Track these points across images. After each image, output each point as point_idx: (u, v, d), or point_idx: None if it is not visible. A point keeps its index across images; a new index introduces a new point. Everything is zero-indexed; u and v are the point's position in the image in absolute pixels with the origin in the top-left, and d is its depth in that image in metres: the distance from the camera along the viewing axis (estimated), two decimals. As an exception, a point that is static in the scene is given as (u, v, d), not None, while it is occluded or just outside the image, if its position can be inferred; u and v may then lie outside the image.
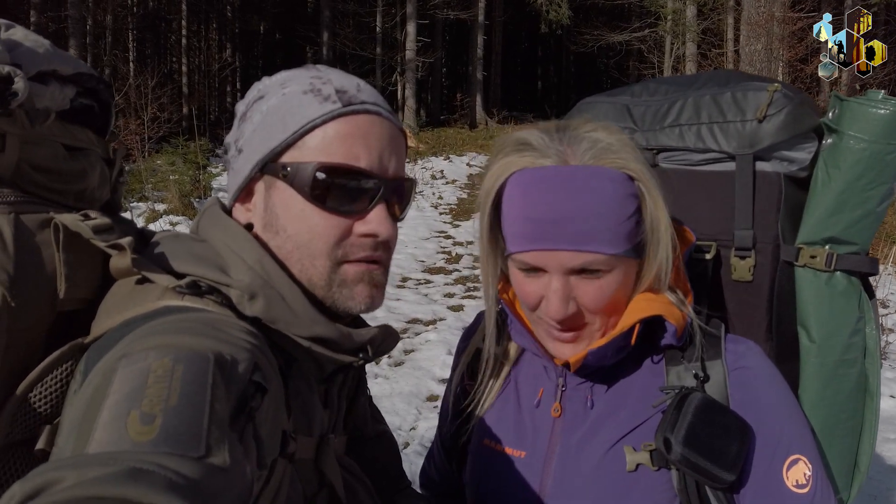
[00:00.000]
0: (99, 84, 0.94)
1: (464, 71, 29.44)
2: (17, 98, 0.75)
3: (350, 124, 0.84)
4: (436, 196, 13.35)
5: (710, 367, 1.01)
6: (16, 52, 0.80)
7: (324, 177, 0.82)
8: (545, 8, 21.78)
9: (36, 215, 0.79)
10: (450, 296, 7.30)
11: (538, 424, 1.07)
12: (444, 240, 10.28)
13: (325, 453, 0.87)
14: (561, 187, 0.94)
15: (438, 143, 18.95)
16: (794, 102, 1.14)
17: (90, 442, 0.52)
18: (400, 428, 4.04)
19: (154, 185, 11.81)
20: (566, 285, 0.96)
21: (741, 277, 1.18)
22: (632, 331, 0.99)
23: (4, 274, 0.73)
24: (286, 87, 0.87)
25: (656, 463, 0.97)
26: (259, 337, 0.74)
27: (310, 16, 27.36)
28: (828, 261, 1.12)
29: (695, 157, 1.22)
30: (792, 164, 1.17)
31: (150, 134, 13.56)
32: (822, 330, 1.14)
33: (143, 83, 14.32)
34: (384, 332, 0.90)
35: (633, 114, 1.29)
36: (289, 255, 0.85)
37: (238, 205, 0.90)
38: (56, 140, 0.84)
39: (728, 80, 1.24)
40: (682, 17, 17.54)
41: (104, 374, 0.60)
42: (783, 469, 0.95)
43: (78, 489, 0.44)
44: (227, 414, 0.58)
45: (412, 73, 20.84)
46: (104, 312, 0.78)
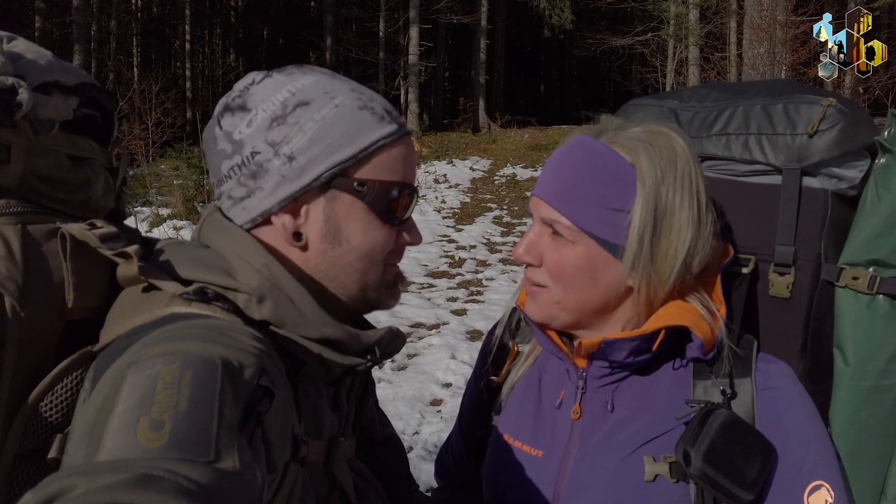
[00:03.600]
0: (101, 94, 0.95)
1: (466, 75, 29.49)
2: (21, 109, 0.75)
3: (406, 146, 0.91)
4: (439, 200, 13.35)
5: (738, 384, 0.99)
6: (18, 63, 0.80)
7: (396, 195, 0.88)
8: (548, 12, 21.82)
9: (43, 225, 0.80)
10: (453, 300, 7.29)
11: (557, 425, 1.07)
12: (447, 244, 10.28)
13: (335, 456, 0.87)
14: (576, 152, 1.01)
15: (441, 147, 18.97)
16: (847, 119, 1.11)
17: (101, 449, 0.53)
18: (403, 432, 4.04)
19: (158, 189, 11.84)
20: (539, 234, 1.03)
21: (778, 294, 1.15)
22: (654, 336, 0.98)
23: (13, 284, 0.73)
24: (335, 98, 0.87)
25: (675, 475, 0.96)
26: (266, 342, 0.74)
27: (313, 20, 27.44)
28: (871, 283, 1.08)
29: (740, 167, 1.19)
30: (841, 181, 1.13)
31: (154, 139, 13.60)
32: (858, 353, 1.10)
33: (147, 88, 14.37)
34: (391, 333, 0.91)
35: (680, 119, 1.26)
36: (350, 265, 0.88)
37: (283, 213, 0.86)
38: (60, 150, 0.85)
39: (782, 90, 1.21)
40: (685, 21, 17.56)
41: (113, 381, 0.61)
42: (804, 495, 0.93)
43: (90, 496, 0.45)
44: (235, 419, 0.59)
45: (415, 77, 20.87)
46: (112, 320, 0.79)
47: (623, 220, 0.96)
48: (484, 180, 15.47)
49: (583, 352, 1.01)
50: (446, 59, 26.82)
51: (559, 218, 0.98)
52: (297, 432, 0.79)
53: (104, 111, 0.96)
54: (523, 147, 18.28)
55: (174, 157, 12.42)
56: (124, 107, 13.26)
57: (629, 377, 1.05)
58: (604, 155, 0.98)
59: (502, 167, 16.43)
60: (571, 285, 1.00)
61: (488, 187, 14.81)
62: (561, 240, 0.99)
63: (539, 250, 1.02)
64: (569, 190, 0.98)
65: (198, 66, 25.66)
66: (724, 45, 16.38)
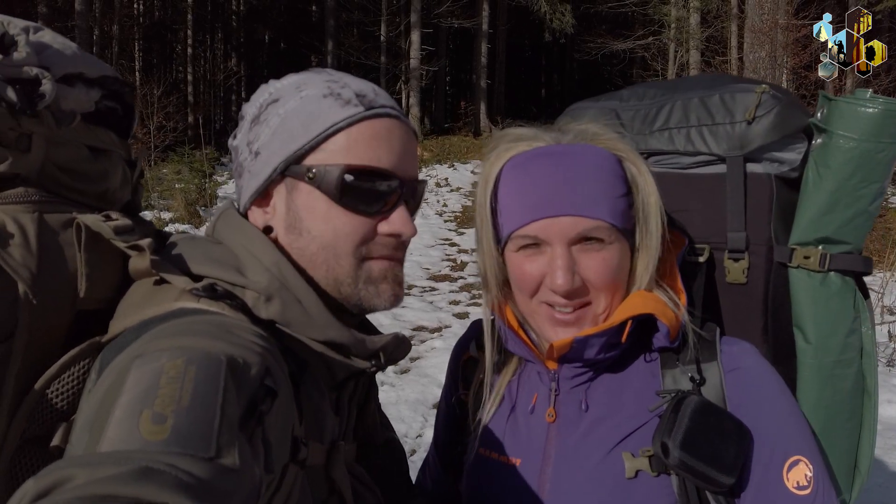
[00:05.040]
0: (123, 87, 0.96)
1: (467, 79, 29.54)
2: (44, 100, 0.76)
3: (373, 128, 0.86)
4: (440, 204, 13.36)
5: (705, 369, 1.01)
6: (43, 54, 0.81)
7: (351, 179, 0.83)
8: (549, 16, 21.83)
9: (59, 215, 0.80)
10: (455, 303, 7.30)
11: (533, 430, 1.07)
12: (448, 247, 10.28)
13: (335, 460, 0.87)
14: (557, 159, 0.99)
15: (443, 151, 18.99)
16: (782, 103, 1.15)
17: (102, 440, 0.53)
18: (406, 435, 4.03)
19: (160, 193, 11.87)
20: (569, 256, 0.97)
21: (735, 280, 1.18)
22: (622, 327, 0.99)
23: (27, 271, 0.74)
24: (303, 91, 0.88)
25: (655, 469, 0.96)
26: (271, 341, 0.74)
27: (314, 25, 27.49)
28: (821, 261, 1.12)
29: (685, 160, 1.22)
30: (782, 164, 1.17)
31: (157, 143, 13.63)
32: (817, 331, 1.13)
33: (149, 92, 14.42)
34: (397, 340, 0.90)
35: (621, 118, 1.29)
36: (314, 256, 0.86)
37: (255, 208, 0.90)
38: (80, 141, 0.86)
39: (715, 82, 1.24)
40: (686, 25, 17.57)
41: (118, 373, 0.61)
42: (783, 470, 0.94)
43: (90, 487, 0.45)
44: (237, 416, 0.59)
45: (416, 81, 20.90)
46: (122, 312, 0.79)
47: (626, 204, 0.99)
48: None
49: (555, 353, 1.00)
50: (447, 63, 26.86)
51: (597, 224, 0.96)
52: (298, 434, 0.78)
53: (125, 104, 0.97)
54: (524, 151, 18.26)
55: (176, 161, 12.45)
56: (126, 111, 13.27)
57: (601, 375, 1.05)
58: (590, 153, 0.99)
59: (504, 171, 16.42)
60: (615, 286, 1.00)
61: (490, 191, 14.80)
62: (596, 247, 0.98)
63: (577, 272, 0.98)
64: (589, 194, 0.97)
65: (199, 70, 25.70)
66: (725, 48, 16.39)
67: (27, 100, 0.76)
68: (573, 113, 1.37)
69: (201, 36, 26.91)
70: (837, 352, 1.12)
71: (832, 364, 1.13)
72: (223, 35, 28.27)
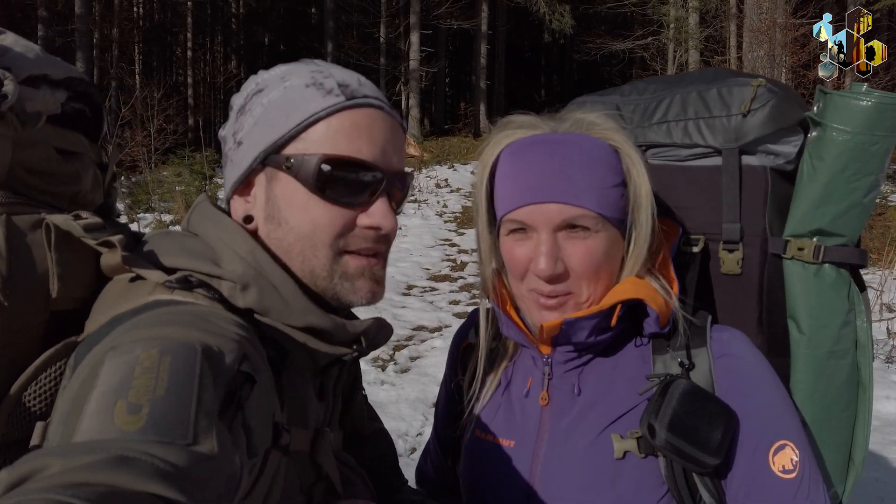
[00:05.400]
0: (90, 88, 0.95)
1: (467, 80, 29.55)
2: (6, 100, 0.75)
3: (354, 118, 0.85)
4: (440, 204, 13.37)
5: (695, 355, 1.03)
6: (6, 56, 0.80)
7: (328, 169, 0.82)
8: (548, 17, 21.85)
9: (28, 216, 0.79)
10: (455, 303, 7.31)
11: (527, 413, 1.09)
12: (448, 248, 10.29)
13: (320, 446, 0.87)
14: (552, 147, 1.01)
15: (442, 151, 19.00)
16: (778, 97, 1.16)
17: (77, 431, 0.53)
18: (406, 433, 4.04)
19: (161, 195, 11.88)
20: (554, 243, 0.99)
21: (730, 270, 1.20)
22: (612, 311, 1.01)
23: None
24: (287, 81, 0.87)
25: (643, 450, 0.99)
26: (248, 328, 0.74)
27: (314, 26, 27.52)
28: (815, 253, 1.13)
29: (682, 152, 1.24)
30: (778, 157, 1.19)
31: (157, 145, 13.65)
32: (811, 322, 1.14)
33: (149, 95, 14.44)
34: (378, 324, 0.90)
35: (622, 112, 1.31)
36: (290, 247, 0.85)
37: (237, 197, 0.90)
38: (49, 143, 0.85)
39: (715, 77, 1.26)
40: (685, 25, 17.58)
41: (91, 366, 0.61)
42: (769, 454, 0.96)
43: (65, 476, 0.44)
44: (215, 404, 0.58)
45: (416, 82, 20.92)
46: (97, 310, 0.79)
47: (618, 194, 1.01)
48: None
49: (545, 335, 1.02)
50: (447, 64, 26.87)
51: (583, 212, 0.98)
52: (279, 420, 0.78)
53: (93, 106, 0.96)
54: (524, 151, 18.27)
55: (176, 163, 12.47)
56: (126, 114, 13.31)
57: (593, 360, 1.07)
58: (584, 142, 1.01)
59: (504, 171, 16.45)
60: (599, 275, 1.01)
61: (490, 191, 14.82)
62: (581, 234, 1.00)
63: (562, 258, 1.00)
64: (580, 182, 0.99)
65: (199, 73, 25.74)
66: (723, 48, 16.40)
67: None
68: (575, 107, 1.37)
69: (201, 38, 26.94)
70: (831, 343, 1.14)
71: (826, 355, 1.14)
72: (223, 38, 28.31)
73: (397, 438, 3.94)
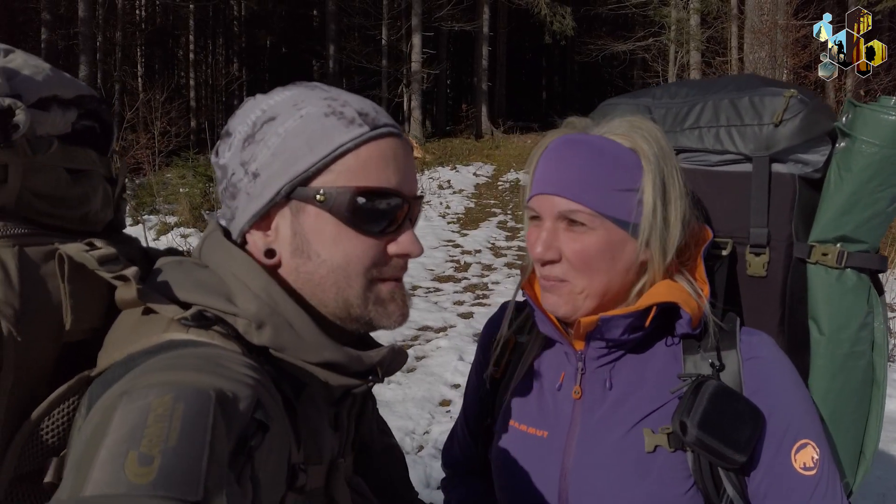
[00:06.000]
0: (100, 105, 0.93)
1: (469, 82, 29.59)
2: (19, 131, 0.74)
3: (380, 148, 0.84)
4: (443, 206, 13.41)
5: (725, 356, 1.06)
6: (15, 80, 0.79)
7: (363, 201, 0.81)
8: (549, 19, 21.88)
9: (41, 247, 0.78)
10: (459, 303, 7.34)
11: (560, 406, 1.14)
12: (452, 249, 10.32)
13: (335, 478, 0.87)
14: (576, 145, 1.06)
15: (445, 153, 19.04)
16: (809, 108, 1.19)
17: (87, 482, 0.52)
18: (413, 432, 4.08)
19: (165, 198, 11.93)
20: (553, 231, 1.06)
21: (756, 273, 1.23)
22: (647, 312, 1.05)
23: (10, 309, 0.72)
24: (302, 109, 0.84)
25: (673, 445, 1.03)
26: (262, 372, 0.73)
27: (315, 29, 27.59)
28: (839, 258, 1.17)
29: (713, 158, 1.27)
30: (806, 165, 1.22)
31: (160, 148, 13.70)
32: (832, 324, 1.18)
33: (152, 98, 14.49)
34: (393, 352, 0.90)
35: (653, 115, 1.34)
36: (323, 280, 0.83)
37: (254, 231, 0.86)
38: (58, 165, 0.83)
39: (747, 84, 1.28)
40: (686, 26, 17.60)
41: (104, 411, 0.60)
42: (791, 452, 1.01)
43: None
44: (226, 454, 0.58)
45: (418, 84, 20.97)
46: (110, 343, 0.78)
47: (633, 199, 1.04)
48: (488, 186, 15.52)
49: (581, 330, 1.07)
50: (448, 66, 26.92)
51: (579, 207, 1.03)
52: (296, 461, 0.77)
53: (102, 122, 0.95)
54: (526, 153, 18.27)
55: (180, 165, 12.51)
56: (130, 117, 13.37)
57: (625, 356, 1.11)
58: (602, 144, 1.06)
59: (506, 173, 16.49)
60: (595, 270, 1.05)
61: (492, 193, 14.86)
62: (580, 229, 1.04)
63: (557, 245, 1.06)
64: (581, 180, 1.04)
65: (201, 75, 25.81)
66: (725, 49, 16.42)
67: (1, 132, 0.74)
68: (606, 108, 1.42)
69: (203, 41, 27.01)
70: (850, 344, 1.17)
71: (844, 356, 1.17)
72: (225, 40, 28.37)
73: (404, 436, 3.98)
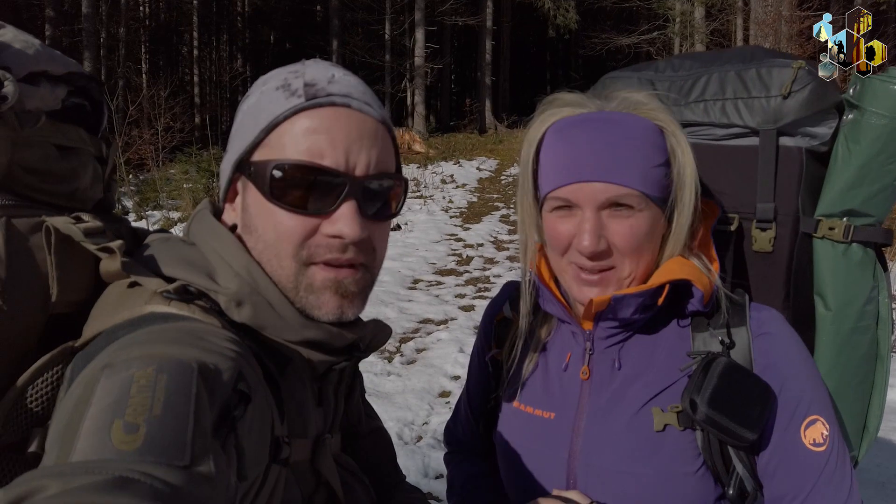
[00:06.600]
0: (90, 83, 0.93)
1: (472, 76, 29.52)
2: (6, 102, 0.74)
3: (313, 119, 0.80)
4: (446, 200, 13.42)
5: (735, 333, 1.04)
6: (5, 53, 0.79)
7: (280, 175, 0.79)
8: (553, 13, 21.83)
9: (28, 219, 0.78)
10: (461, 296, 7.35)
11: (567, 387, 1.12)
12: (454, 242, 10.33)
13: (321, 454, 0.86)
14: (599, 126, 1.03)
15: (448, 148, 19.04)
16: (817, 79, 1.17)
17: (73, 451, 0.51)
18: (413, 422, 4.10)
19: (168, 193, 11.98)
20: (598, 220, 1.01)
21: (762, 248, 1.21)
22: (660, 291, 1.03)
23: None
24: (266, 84, 0.86)
25: (682, 424, 1.01)
26: (244, 345, 0.73)
27: (319, 25, 27.57)
28: (845, 232, 1.16)
29: (719, 131, 1.25)
30: (814, 139, 1.20)
31: (164, 143, 13.73)
32: (838, 299, 1.17)
33: (155, 94, 14.51)
34: (375, 327, 0.89)
35: (656, 88, 1.32)
36: (261, 256, 0.82)
37: (227, 205, 0.89)
38: (47, 141, 0.83)
39: (752, 56, 1.26)
40: (691, 19, 17.54)
41: (86, 384, 0.60)
42: (801, 429, 0.99)
43: (62, 497, 0.44)
44: (210, 423, 0.58)
45: (421, 79, 20.95)
46: (95, 315, 0.78)
47: (662, 174, 1.03)
48: (491, 180, 15.52)
49: (593, 310, 1.05)
50: (452, 60, 26.87)
51: (628, 192, 1.00)
52: (279, 434, 0.77)
53: (93, 100, 0.94)
54: (530, 147, 18.26)
55: (184, 161, 12.57)
56: (134, 113, 13.41)
57: (633, 336, 1.10)
58: (625, 120, 1.03)
59: (509, 167, 16.47)
60: (642, 252, 1.04)
61: (495, 187, 14.85)
62: (625, 213, 1.01)
63: (605, 235, 1.02)
64: (622, 161, 1.00)
65: (205, 71, 25.85)
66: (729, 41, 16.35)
67: None
68: (607, 81, 1.39)
69: (207, 37, 27.04)
70: (855, 319, 1.16)
71: (850, 331, 1.17)
72: (228, 36, 28.39)
73: (403, 427, 4.00)
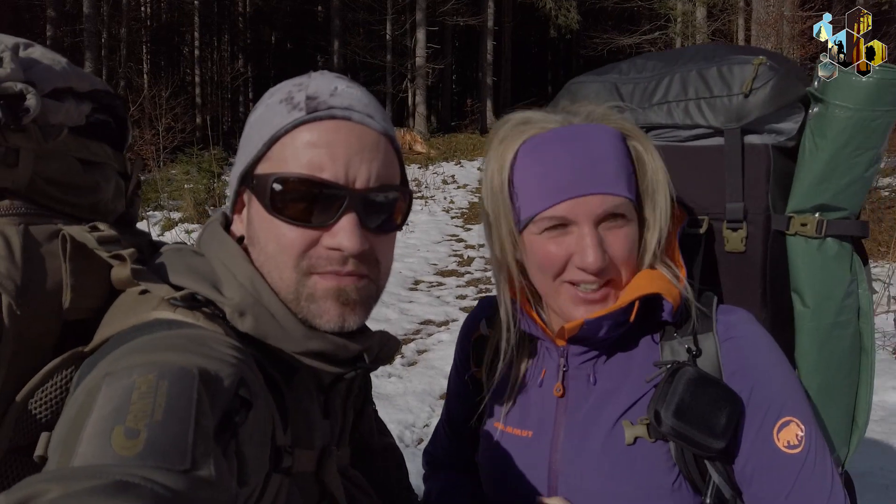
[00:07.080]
0: (115, 100, 0.96)
1: (474, 77, 29.52)
2: (29, 114, 0.77)
3: (313, 132, 0.81)
4: (447, 201, 13.41)
5: (701, 340, 1.03)
6: (31, 70, 0.82)
7: (280, 188, 0.80)
8: (554, 13, 21.81)
9: (45, 227, 0.81)
10: (462, 297, 7.34)
11: (543, 405, 1.10)
12: (455, 243, 10.33)
13: (326, 465, 0.86)
14: (576, 139, 1.01)
15: (449, 148, 19.03)
16: (779, 74, 1.16)
17: (74, 456, 0.52)
18: (413, 424, 4.09)
19: (170, 193, 11.97)
20: (597, 235, 0.99)
21: (734, 248, 1.20)
22: (630, 308, 1.01)
23: (11, 283, 0.74)
24: (272, 97, 0.87)
25: (652, 435, 1.00)
26: (246, 352, 0.73)
27: (320, 25, 27.57)
28: (818, 227, 1.14)
29: (683, 133, 1.24)
30: (780, 135, 1.19)
31: (165, 144, 13.73)
32: (815, 295, 1.16)
33: (157, 94, 14.51)
34: (382, 339, 0.88)
35: (621, 92, 1.31)
36: (263, 267, 0.83)
37: (235, 217, 0.90)
38: (71, 154, 0.86)
39: (714, 54, 1.25)
40: (692, 19, 17.51)
41: (88, 391, 0.61)
42: (773, 432, 0.98)
43: (63, 501, 0.44)
44: (211, 428, 0.58)
45: (422, 79, 20.94)
46: (106, 322, 0.79)
47: (634, 181, 1.03)
48: (491, 180, 15.49)
49: (566, 334, 1.03)
50: (453, 61, 26.86)
51: (621, 201, 1.00)
52: (282, 443, 0.77)
53: (117, 117, 0.97)
54: (531, 147, 18.26)
55: (185, 161, 12.55)
56: (135, 113, 13.41)
57: (608, 351, 1.08)
58: (600, 133, 1.02)
59: (510, 167, 16.45)
60: (631, 261, 1.03)
61: (496, 188, 14.83)
62: (619, 223, 1.00)
63: (605, 250, 0.99)
64: (611, 172, 1.00)
65: (207, 72, 25.85)
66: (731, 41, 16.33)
67: (12, 115, 0.77)
68: (573, 87, 1.38)
69: (208, 38, 27.05)
70: (834, 314, 1.15)
71: (830, 326, 1.15)
72: (230, 37, 28.41)
73: (404, 429, 3.98)
